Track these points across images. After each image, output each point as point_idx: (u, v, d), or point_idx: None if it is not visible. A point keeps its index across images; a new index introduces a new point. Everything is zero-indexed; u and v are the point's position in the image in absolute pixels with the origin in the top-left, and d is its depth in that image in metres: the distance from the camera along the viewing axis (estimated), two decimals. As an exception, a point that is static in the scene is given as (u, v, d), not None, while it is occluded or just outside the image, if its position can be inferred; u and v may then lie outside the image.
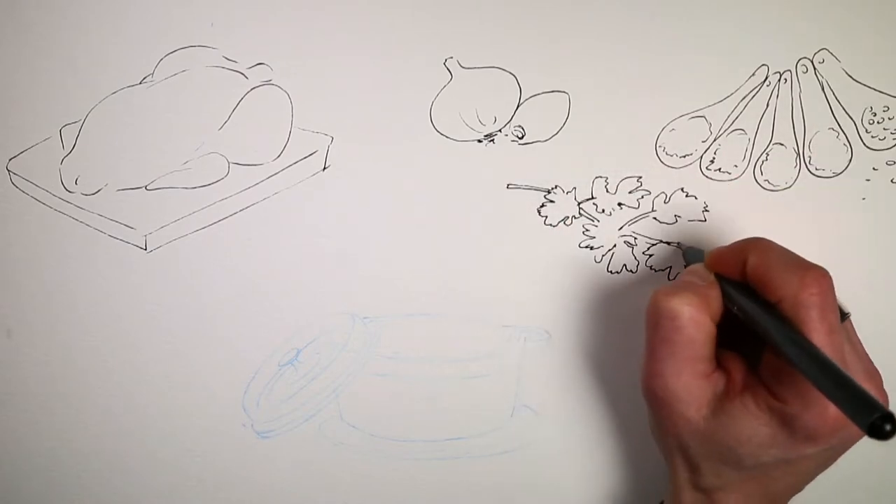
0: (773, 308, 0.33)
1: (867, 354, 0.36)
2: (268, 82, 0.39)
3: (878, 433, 0.26)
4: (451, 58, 0.38)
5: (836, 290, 0.33)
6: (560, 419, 0.42)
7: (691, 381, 0.34)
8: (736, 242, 0.36)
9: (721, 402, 0.34)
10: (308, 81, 0.39)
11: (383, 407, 0.42)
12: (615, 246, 0.41)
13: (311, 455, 0.42)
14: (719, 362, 0.35)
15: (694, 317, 0.34)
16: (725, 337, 0.35)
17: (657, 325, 0.34)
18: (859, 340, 0.37)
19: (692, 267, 0.37)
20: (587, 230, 0.40)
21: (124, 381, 0.41)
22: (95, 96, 0.38)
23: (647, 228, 0.41)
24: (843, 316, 0.38)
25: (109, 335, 0.41)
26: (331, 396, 0.42)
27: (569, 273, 0.41)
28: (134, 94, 0.38)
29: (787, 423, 0.32)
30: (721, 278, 0.35)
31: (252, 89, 0.39)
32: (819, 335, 0.32)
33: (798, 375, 0.32)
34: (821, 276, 0.32)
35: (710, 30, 0.39)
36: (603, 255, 0.41)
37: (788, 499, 0.36)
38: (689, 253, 0.39)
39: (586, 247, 0.41)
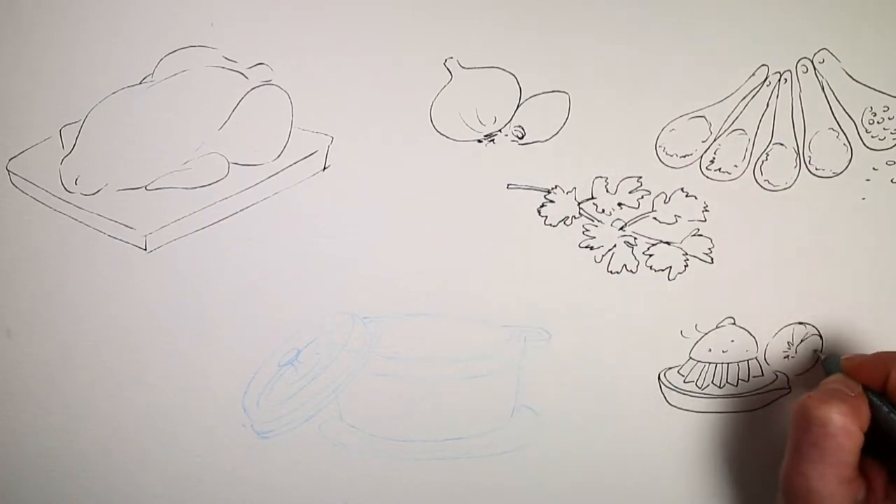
0: None
1: None
2: (268, 82, 0.39)
3: None
4: (451, 58, 0.38)
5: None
6: (560, 419, 0.42)
7: (835, 486, 0.35)
8: (878, 354, 0.37)
9: None
10: (308, 81, 0.38)
11: (383, 407, 0.42)
12: (615, 246, 0.41)
13: (311, 455, 0.42)
14: (862, 469, 0.36)
15: (845, 426, 0.35)
16: (869, 443, 0.36)
17: (807, 430, 0.35)
18: None
19: (836, 377, 0.38)
20: (587, 230, 0.40)
21: (124, 381, 0.41)
22: (95, 96, 0.38)
23: (647, 228, 0.41)
24: (833, 363, 0.38)
25: (109, 335, 0.41)
26: (331, 396, 0.42)
27: (569, 273, 0.41)
28: (134, 94, 0.38)
29: None
30: (865, 388, 0.36)
31: (252, 89, 0.39)
32: None
33: None
34: None
35: (710, 30, 0.39)
36: (603, 255, 0.41)
37: None
38: (829, 361, 0.39)
39: (586, 247, 0.41)
